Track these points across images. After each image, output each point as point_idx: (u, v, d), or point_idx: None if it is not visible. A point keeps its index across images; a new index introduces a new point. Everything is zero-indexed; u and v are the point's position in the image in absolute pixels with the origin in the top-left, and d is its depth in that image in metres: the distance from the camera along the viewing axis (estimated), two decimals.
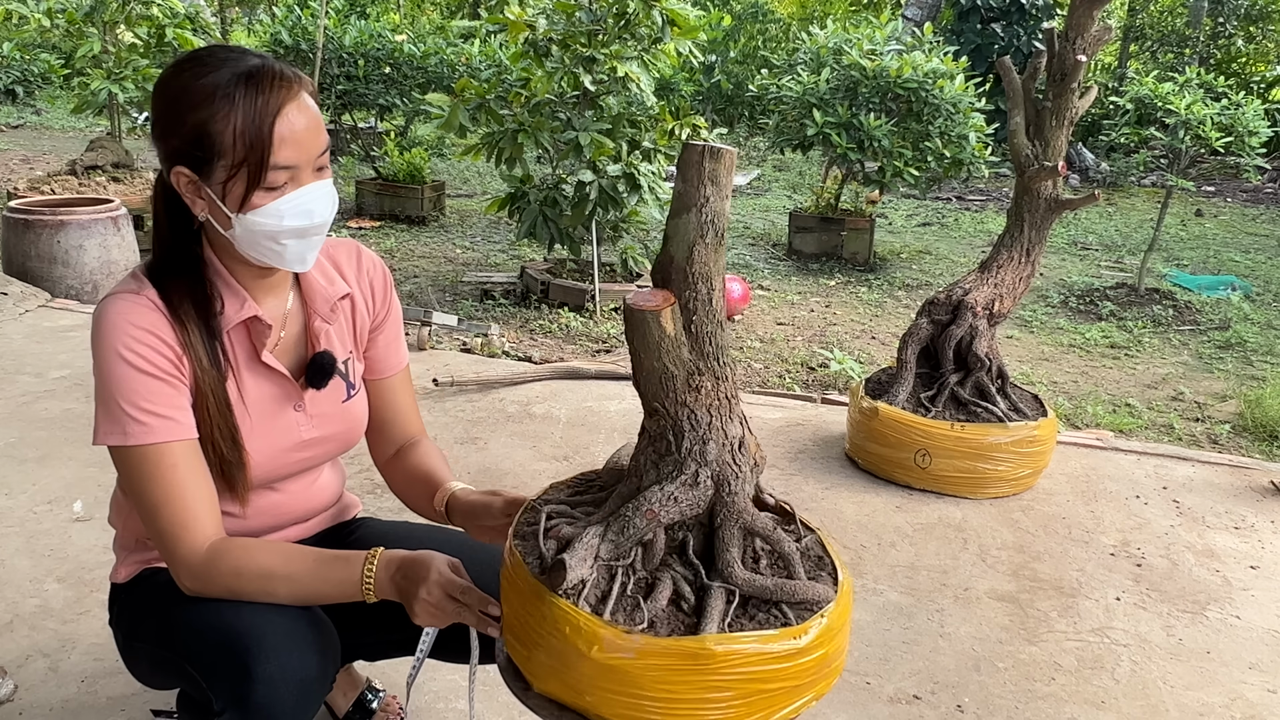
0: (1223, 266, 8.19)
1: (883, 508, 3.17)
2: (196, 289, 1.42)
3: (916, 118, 7.23)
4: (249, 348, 1.49)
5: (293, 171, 1.35)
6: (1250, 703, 2.27)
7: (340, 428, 1.61)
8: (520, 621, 1.30)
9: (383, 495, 2.97)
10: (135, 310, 1.38)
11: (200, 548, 1.39)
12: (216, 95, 1.31)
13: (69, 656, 2.18)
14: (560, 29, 5.25)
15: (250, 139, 1.31)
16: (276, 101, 1.32)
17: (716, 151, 1.19)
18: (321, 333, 1.56)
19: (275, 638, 1.35)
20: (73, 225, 5.12)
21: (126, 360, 1.36)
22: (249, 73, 1.32)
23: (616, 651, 1.20)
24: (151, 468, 1.37)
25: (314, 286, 1.56)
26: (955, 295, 3.39)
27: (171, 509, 1.38)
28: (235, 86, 1.31)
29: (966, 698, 2.24)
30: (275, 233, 1.37)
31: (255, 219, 1.35)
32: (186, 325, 1.40)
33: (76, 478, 3.03)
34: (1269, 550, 3.01)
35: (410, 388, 1.76)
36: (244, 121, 1.30)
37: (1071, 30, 3.30)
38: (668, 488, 1.27)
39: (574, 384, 4.18)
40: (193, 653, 1.40)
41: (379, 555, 1.42)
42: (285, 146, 1.33)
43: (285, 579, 1.40)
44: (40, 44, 10.77)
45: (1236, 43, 15.41)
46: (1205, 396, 5.00)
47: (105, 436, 1.38)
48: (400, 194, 8.27)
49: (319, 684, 1.40)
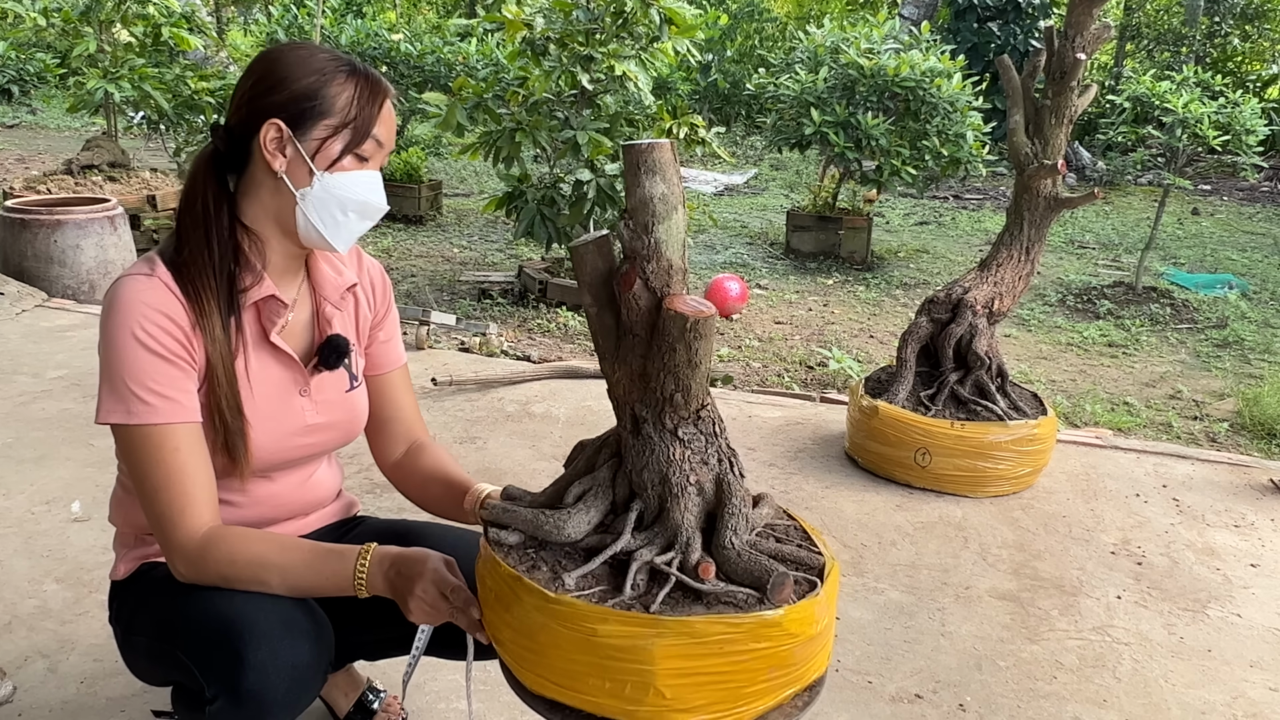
0: (1220, 265, 8.20)
1: (883, 506, 3.16)
2: (225, 260, 1.44)
3: (914, 116, 7.23)
4: (258, 328, 1.51)
5: (381, 152, 1.49)
6: (1252, 701, 2.27)
7: (343, 416, 1.62)
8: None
9: (382, 495, 2.97)
10: (149, 291, 1.39)
11: (196, 533, 1.40)
12: (330, 70, 1.44)
13: (68, 657, 2.17)
14: (558, 27, 5.24)
15: (361, 107, 1.44)
16: (383, 89, 1.48)
17: (662, 144, 1.21)
18: (333, 317, 1.59)
19: (268, 625, 1.36)
20: (69, 225, 5.11)
21: (139, 340, 1.37)
22: (355, 65, 1.48)
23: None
24: (154, 449, 1.38)
25: (324, 275, 1.60)
26: (955, 294, 3.38)
27: (171, 492, 1.39)
28: (349, 68, 1.46)
29: (969, 696, 2.23)
30: (347, 201, 1.45)
31: (338, 179, 1.44)
32: (204, 297, 1.41)
33: (74, 478, 3.02)
34: (1269, 548, 3.01)
35: (410, 387, 1.77)
36: (357, 93, 1.44)
37: (1070, 28, 3.30)
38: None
39: (573, 383, 4.17)
40: (187, 641, 1.41)
41: (372, 551, 1.42)
42: (384, 125, 1.48)
43: (278, 569, 1.40)
44: (36, 43, 10.75)
45: (1233, 41, 15.44)
46: (1203, 395, 5.01)
47: (109, 414, 1.38)
48: (397, 193, 8.26)
49: (312, 671, 1.40)
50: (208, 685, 1.37)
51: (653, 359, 1.25)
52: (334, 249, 1.49)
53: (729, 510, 1.30)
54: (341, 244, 1.49)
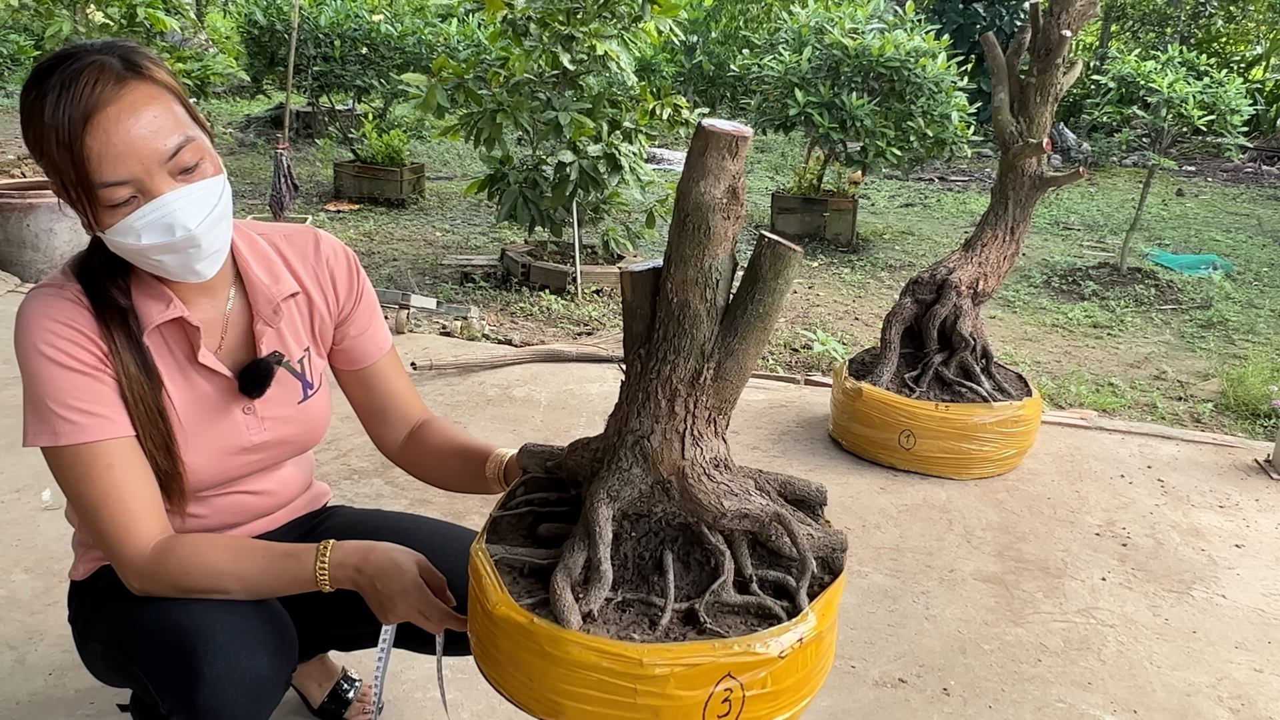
0: (1204, 245, 8.20)
1: (867, 489, 3.14)
2: (113, 291, 1.33)
3: (899, 97, 7.19)
4: (187, 348, 1.41)
5: (134, 184, 1.22)
6: (1237, 682, 2.25)
7: (296, 430, 1.53)
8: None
9: (360, 481, 2.92)
10: (56, 305, 1.30)
11: (145, 548, 1.33)
12: (39, 108, 1.19)
13: (36, 649, 2.13)
14: (539, 7, 5.17)
15: (68, 158, 1.19)
16: (84, 110, 1.18)
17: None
18: (263, 335, 1.46)
19: (224, 637, 1.29)
20: (42, 208, 5.03)
21: (48, 357, 1.28)
22: (65, 79, 1.19)
23: None
24: (85, 468, 1.31)
25: (256, 285, 1.45)
26: (939, 274, 3.35)
27: (111, 510, 1.31)
28: (51, 94, 1.18)
29: (953, 680, 2.21)
30: (139, 250, 1.26)
31: (114, 238, 1.26)
32: (110, 328, 1.32)
33: (44, 466, 2.94)
34: (1253, 528, 3.00)
35: (401, 369, 1.67)
36: (58, 138, 1.18)
37: (1056, 5, 3.27)
38: None
39: (555, 367, 4.13)
40: (141, 653, 1.34)
41: (330, 549, 1.36)
42: (105, 161, 1.20)
43: (235, 576, 1.34)
44: (10, 25, 10.58)
45: (1217, 22, 15.43)
46: (1188, 375, 5.00)
47: (35, 438, 1.31)
48: (379, 176, 8.17)
49: (270, 684, 1.33)
50: (161, 700, 1.31)
51: None
52: (190, 281, 1.33)
53: None
54: (190, 277, 1.32)
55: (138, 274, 1.35)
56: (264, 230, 1.53)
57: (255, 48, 8.68)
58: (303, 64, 8.24)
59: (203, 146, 1.29)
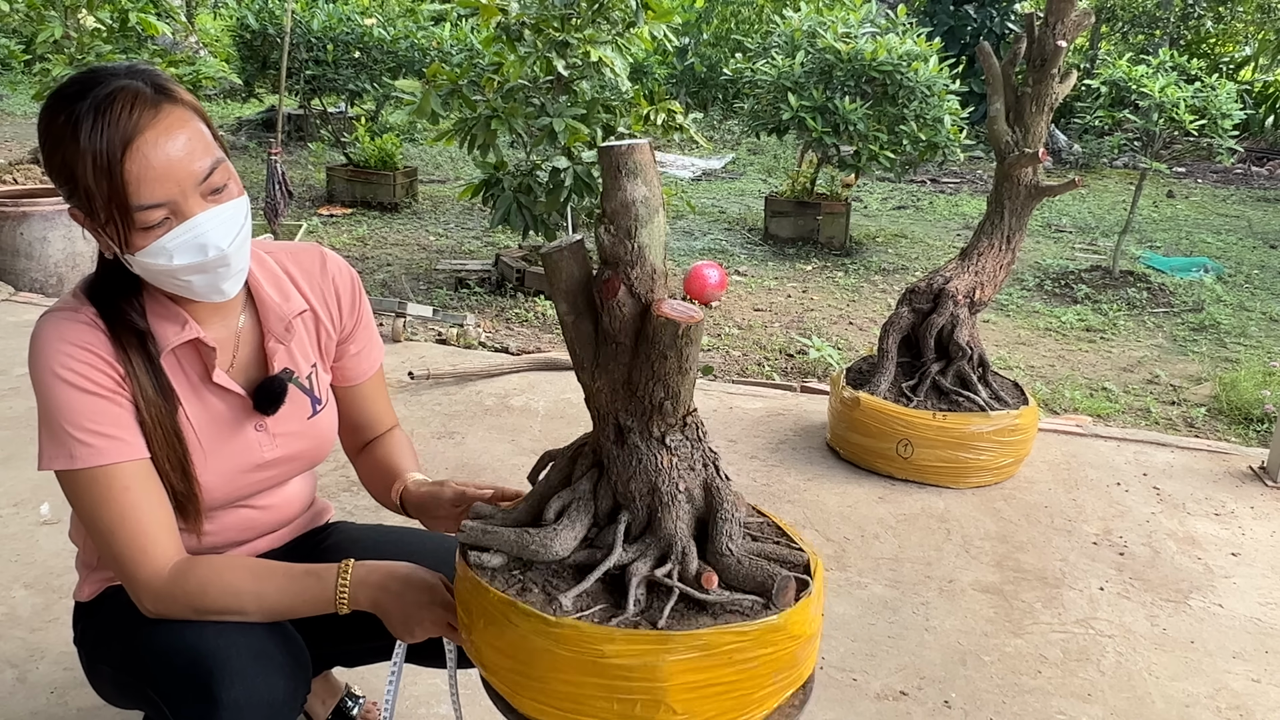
0: (1195, 248, 8.24)
1: (865, 499, 3.15)
2: (130, 314, 1.34)
3: (891, 100, 7.20)
4: (201, 368, 1.42)
5: (169, 206, 1.24)
6: (1235, 693, 2.27)
7: (306, 445, 1.55)
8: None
9: (359, 493, 2.92)
10: (72, 328, 1.31)
11: (162, 571, 1.33)
12: (69, 132, 1.20)
13: (37, 666, 2.12)
14: (533, 12, 5.17)
15: (105, 182, 1.20)
16: (123, 135, 1.20)
17: (641, 146, 1.16)
18: (275, 353, 1.48)
19: (241, 661, 1.30)
20: (36, 216, 5.01)
21: (65, 380, 1.29)
22: (98, 104, 1.20)
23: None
24: (102, 491, 1.31)
25: (268, 304, 1.47)
26: (936, 284, 3.37)
27: (127, 533, 1.32)
28: (85, 120, 1.20)
29: (954, 693, 2.22)
30: (169, 270, 1.27)
31: (144, 260, 1.26)
32: (127, 351, 1.32)
33: (43, 479, 2.94)
34: (1249, 536, 3.02)
35: (383, 387, 1.71)
36: (95, 163, 1.19)
37: (1051, 15, 3.28)
38: None
39: (552, 375, 4.13)
40: (156, 678, 1.34)
41: (352, 569, 1.38)
42: (144, 185, 1.21)
43: (254, 596, 1.35)
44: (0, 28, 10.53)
45: (1206, 24, 15.48)
46: (1180, 379, 5.03)
47: (50, 461, 1.31)
48: (372, 180, 8.16)
49: (288, 708, 1.35)
50: None
51: (639, 367, 1.21)
52: (215, 300, 1.35)
53: (722, 516, 1.28)
54: (215, 296, 1.34)
55: (152, 295, 1.36)
56: (271, 249, 1.55)
57: (247, 52, 8.66)
58: (295, 68, 8.22)
59: (229, 167, 1.31)
